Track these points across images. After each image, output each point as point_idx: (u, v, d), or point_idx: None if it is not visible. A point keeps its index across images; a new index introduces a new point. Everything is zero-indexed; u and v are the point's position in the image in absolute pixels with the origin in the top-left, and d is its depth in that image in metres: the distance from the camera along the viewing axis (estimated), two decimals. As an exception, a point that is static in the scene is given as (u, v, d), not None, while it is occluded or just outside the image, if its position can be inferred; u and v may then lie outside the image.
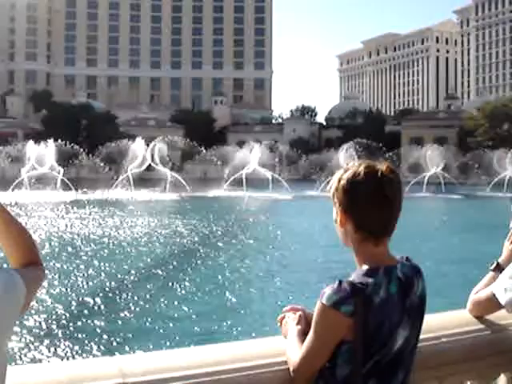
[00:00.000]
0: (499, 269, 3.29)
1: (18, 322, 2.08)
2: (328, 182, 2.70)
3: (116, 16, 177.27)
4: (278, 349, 2.68)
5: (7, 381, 2.01)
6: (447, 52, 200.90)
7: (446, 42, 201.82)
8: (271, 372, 2.61)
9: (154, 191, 65.19)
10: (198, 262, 19.92)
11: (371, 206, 2.40)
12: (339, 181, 2.47)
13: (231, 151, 79.90)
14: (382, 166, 2.46)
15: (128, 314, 12.38)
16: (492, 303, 3.14)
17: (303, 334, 2.58)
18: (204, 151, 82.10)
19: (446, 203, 56.87)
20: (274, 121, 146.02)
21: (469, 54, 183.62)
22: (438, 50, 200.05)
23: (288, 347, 2.61)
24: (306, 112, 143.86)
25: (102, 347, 10.04)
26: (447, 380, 3.02)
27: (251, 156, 74.79)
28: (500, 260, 3.35)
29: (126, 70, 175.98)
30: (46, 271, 2.34)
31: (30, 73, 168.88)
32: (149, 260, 19.91)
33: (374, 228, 2.44)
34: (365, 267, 2.41)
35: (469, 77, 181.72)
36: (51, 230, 28.45)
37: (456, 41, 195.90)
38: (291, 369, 2.52)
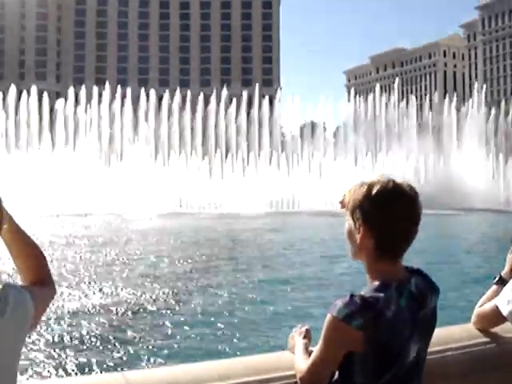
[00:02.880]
0: (503, 282, 3.32)
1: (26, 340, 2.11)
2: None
3: (125, 35, 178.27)
4: (287, 363, 2.72)
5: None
6: (455, 66, 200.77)
7: (454, 57, 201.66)
8: (279, 386, 2.65)
9: None
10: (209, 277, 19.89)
11: (401, 225, 2.41)
12: (366, 196, 2.43)
13: None
14: (405, 184, 2.47)
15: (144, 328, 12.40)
16: (496, 316, 3.17)
17: (308, 347, 2.66)
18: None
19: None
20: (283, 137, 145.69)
21: (476, 68, 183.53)
22: (445, 65, 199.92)
23: (295, 359, 2.67)
24: (314, 128, 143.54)
25: (110, 363, 10.04)
26: (453, 393, 3.05)
27: None
28: (503, 273, 3.38)
29: (135, 88, 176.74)
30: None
31: (39, 92, 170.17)
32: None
33: (397, 247, 2.46)
34: (376, 282, 2.42)
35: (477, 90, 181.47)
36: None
37: (463, 55, 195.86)
38: (298, 376, 2.57)
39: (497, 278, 3.38)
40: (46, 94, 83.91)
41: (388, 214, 2.40)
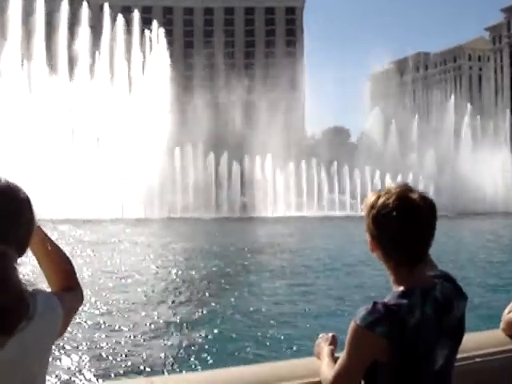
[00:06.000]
0: None
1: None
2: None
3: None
4: (314, 369, 2.71)
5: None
6: (480, 69, 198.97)
7: (479, 60, 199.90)
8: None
9: None
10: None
11: (401, 241, 2.38)
12: (371, 208, 2.44)
13: None
14: (415, 195, 2.42)
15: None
16: None
17: (334, 354, 2.65)
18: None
19: None
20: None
21: (502, 71, 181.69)
22: (470, 68, 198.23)
23: (321, 366, 2.65)
24: (338, 133, 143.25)
25: (135, 367, 10.08)
26: (482, 400, 3.01)
27: None
28: None
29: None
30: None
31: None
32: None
33: (403, 261, 2.42)
34: (400, 288, 2.40)
35: (503, 94, 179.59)
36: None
37: (489, 58, 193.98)
38: None
39: None
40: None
41: (388, 229, 2.39)
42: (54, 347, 2.12)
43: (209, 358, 10.72)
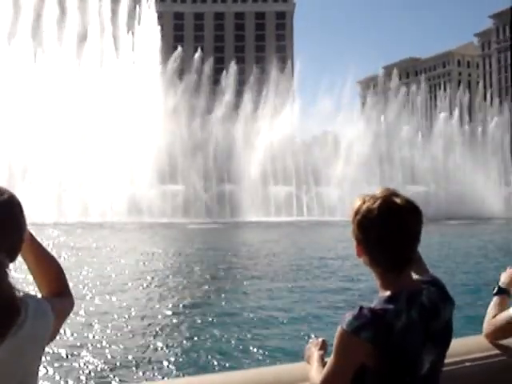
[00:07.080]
0: (504, 292, 3.30)
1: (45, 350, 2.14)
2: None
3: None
4: (302, 374, 2.74)
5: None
6: (469, 75, 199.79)
7: (468, 66, 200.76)
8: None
9: None
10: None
11: (386, 246, 2.40)
12: (356, 213, 2.46)
13: None
14: (399, 200, 2.43)
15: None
16: (510, 326, 3.14)
17: (324, 358, 2.67)
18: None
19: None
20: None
21: (491, 76, 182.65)
22: (459, 74, 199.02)
23: (310, 371, 2.68)
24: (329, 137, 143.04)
25: (130, 374, 10.04)
26: (469, 404, 3.02)
27: None
28: (501, 283, 3.36)
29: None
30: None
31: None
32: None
33: (389, 266, 2.44)
34: (386, 293, 2.42)
35: (492, 99, 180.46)
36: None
37: (478, 64, 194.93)
38: None
39: (496, 290, 3.35)
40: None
41: (374, 234, 2.41)
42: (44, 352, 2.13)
43: (196, 363, 10.69)
